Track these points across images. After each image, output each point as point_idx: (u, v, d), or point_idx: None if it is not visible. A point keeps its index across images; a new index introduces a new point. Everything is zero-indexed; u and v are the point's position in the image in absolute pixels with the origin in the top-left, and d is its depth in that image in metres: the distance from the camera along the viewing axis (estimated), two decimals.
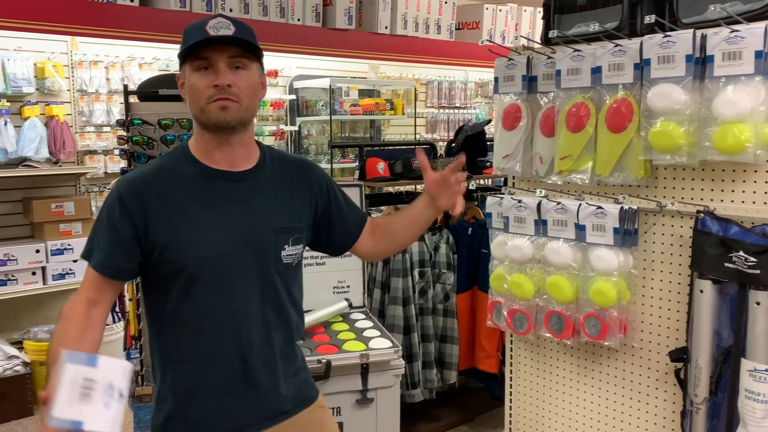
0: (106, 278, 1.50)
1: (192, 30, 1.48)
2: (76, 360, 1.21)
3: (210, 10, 4.79)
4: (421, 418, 3.72)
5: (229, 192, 1.54)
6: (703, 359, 1.88)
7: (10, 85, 4.26)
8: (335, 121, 5.96)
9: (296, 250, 1.61)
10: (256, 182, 1.58)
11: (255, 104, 1.54)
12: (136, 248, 1.49)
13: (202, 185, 1.53)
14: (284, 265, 1.59)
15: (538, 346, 2.45)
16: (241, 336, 1.54)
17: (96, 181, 4.82)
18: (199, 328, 1.53)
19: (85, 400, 1.18)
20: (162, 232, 1.48)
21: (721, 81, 1.81)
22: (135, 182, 1.51)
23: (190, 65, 1.49)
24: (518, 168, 2.33)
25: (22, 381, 3.96)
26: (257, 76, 1.54)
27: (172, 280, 1.50)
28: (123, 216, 1.48)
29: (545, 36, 2.29)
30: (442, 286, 3.48)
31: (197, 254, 1.49)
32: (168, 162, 1.57)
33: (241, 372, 1.55)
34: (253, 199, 1.56)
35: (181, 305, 1.52)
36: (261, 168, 1.60)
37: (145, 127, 2.84)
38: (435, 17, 6.00)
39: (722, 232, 1.83)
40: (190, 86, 1.50)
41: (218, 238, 1.50)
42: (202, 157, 1.55)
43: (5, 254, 4.12)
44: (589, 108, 2.09)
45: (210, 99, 1.46)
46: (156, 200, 1.49)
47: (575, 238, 2.14)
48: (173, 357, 1.57)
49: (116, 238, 1.48)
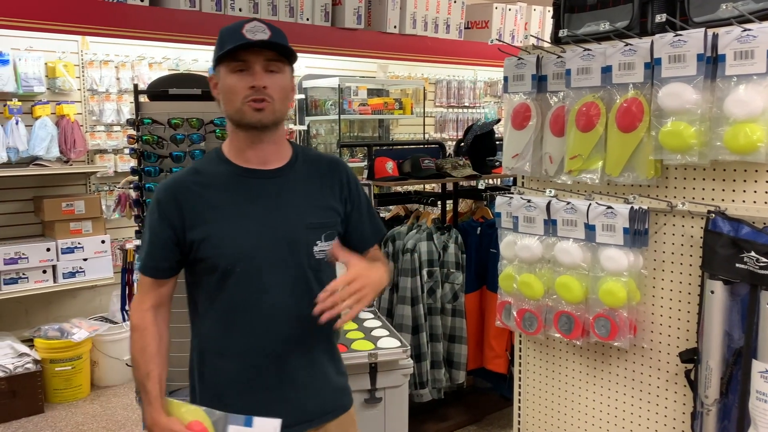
0: (152, 278, 1.62)
1: (228, 33, 1.53)
2: (235, 421, 1.44)
3: (219, 10, 4.80)
4: (429, 418, 3.72)
5: (261, 189, 1.60)
6: (714, 360, 1.87)
7: (22, 84, 4.29)
8: (344, 121, 5.97)
9: (329, 245, 1.64)
10: (287, 179, 1.63)
11: (286, 106, 1.60)
12: (174, 249, 1.59)
13: (234, 184, 1.60)
14: (317, 260, 1.63)
15: (548, 346, 2.45)
16: (274, 330, 1.59)
17: (106, 180, 4.85)
18: (232, 321, 1.59)
19: None
20: (197, 230, 1.56)
21: (733, 80, 1.80)
22: (170, 186, 1.61)
23: (227, 67, 1.55)
24: (528, 167, 2.33)
25: (32, 378, 3.99)
26: (289, 79, 1.60)
27: (208, 276, 1.59)
28: (161, 219, 1.58)
29: (555, 35, 2.28)
30: (451, 285, 3.48)
31: (230, 249, 1.56)
32: (202, 165, 1.66)
33: (275, 367, 1.59)
34: (284, 195, 1.62)
35: (217, 300, 1.59)
36: (292, 166, 1.66)
37: (155, 127, 2.85)
38: (444, 16, 5.99)
39: (733, 233, 1.82)
40: (226, 87, 1.55)
41: (250, 233, 1.57)
42: (234, 157, 1.62)
43: (16, 252, 4.16)
44: (599, 107, 2.08)
45: (246, 99, 1.52)
46: (191, 201, 1.58)
47: (585, 238, 2.13)
48: (209, 351, 1.64)
49: (155, 240, 1.59)
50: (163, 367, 1.60)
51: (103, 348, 4.42)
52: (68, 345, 4.19)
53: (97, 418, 4.00)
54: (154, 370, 1.57)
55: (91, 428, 3.87)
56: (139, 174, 2.88)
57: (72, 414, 4.06)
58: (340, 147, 5.19)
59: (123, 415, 4.03)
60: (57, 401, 4.19)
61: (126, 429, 3.85)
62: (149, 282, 1.62)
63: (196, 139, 2.84)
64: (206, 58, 5.22)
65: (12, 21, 3.88)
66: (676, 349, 2.07)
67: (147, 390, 1.56)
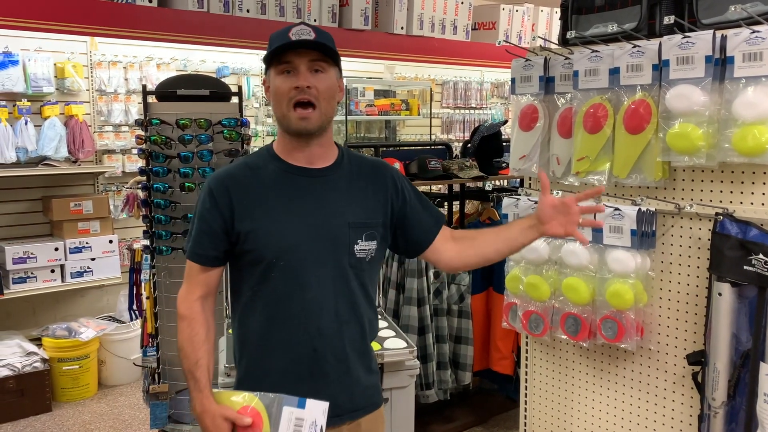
0: (200, 266, 1.65)
1: (276, 37, 1.59)
2: (291, 403, 1.49)
3: (227, 11, 4.81)
4: (435, 419, 3.72)
5: (306, 187, 1.65)
6: (722, 363, 1.86)
7: (31, 85, 4.32)
8: (351, 122, 5.98)
9: (369, 246, 1.68)
10: (332, 179, 1.68)
11: (333, 106, 1.64)
12: (223, 238, 1.63)
13: (282, 180, 1.65)
14: (357, 259, 1.66)
15: (554, 348, 2.44)
16: (312, 324, 1.62)
17: (114, 180, 4.87)
18: (273, 313, 1.63)
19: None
20: (245, 222, 1.61)
21: (742, 82, 1.80)
22: (223, 177, 1.66)
23: (274, 69, 1.60)
24: (535, 169, 2.32)
25: (40, 377, 4.01)
26: (335, 79, 1.64)
27: (252, 268, 1.63)
28: (213, 208, 1.62)
29: (563, 37, 2.28)
30: (457, 286, 3.48)
31: (275, 243, 1.60)
32: (253, 159, 1.71)
33: (311, 360, 1.63)
34: (328, 194, 1.66)
35: (260, 291, 1.64)
36: (338, 167, 1.70)
37: (163, 127, 2.86)
38: (451, 18, 5.99)
39: (741, 235, 1.82)
40: (273, 89, 1.61)
41: (294, 228, 1.61)
42: (283, 154, 1.67)
43: (25, 252, 4.18)
44: (606, 109, 2.08)
45: (291, 101, 1.57)
46: (241, 193, 1.63)
47: (592, 240, 2.12)
48: (249, 342, 1.68)
49: (206, 229, 1.63)
50: (211, 356, 1.62)
51: (110, 347, 4.44)
52: (76, 344, 4.21)
53: (104, 417, 4.02)
54: (203, 358, 1.60)
55: (98, 427, 3.89)
56: (147, 174, 2.89)
57: (79, 413, 4.08)
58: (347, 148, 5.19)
59: (130, 414, 4.05)
60: (64, 400, 4.21)
61: (133, 428, 3.87)
62: (196, 269, 1.66)
63: (204, 139, 2.86)
64: (214, 59, 5.24)
65: (21, 22, 3.90)
66: (684, 352, 2.06)
67: (196, 378, 1.58)
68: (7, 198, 4.44)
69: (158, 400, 2.89)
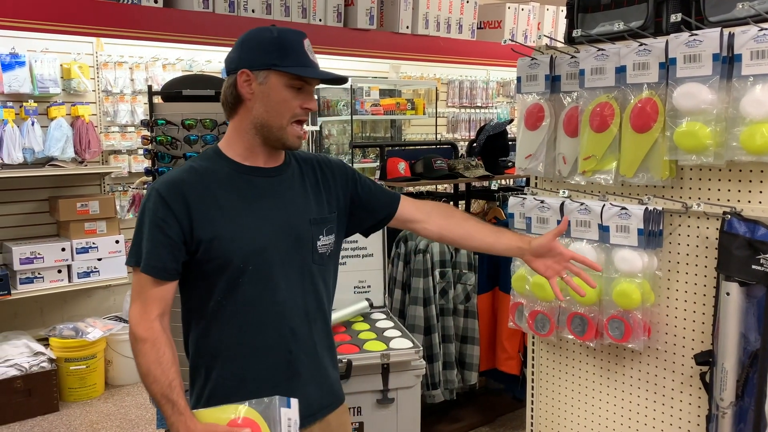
0: (156, 280, 1.52)
1: (292, 46, 1.55)
2: (284, 404, 1.47)
3: (233, 11, 4.82)
4: (441, 419, 3.71)
5: (263, 187, 1.62)
6: (730, 363, 1.85)
7: (38, 85, 4.33)
8: (356, 121, 5.98)
9: (329, 240, 1.68)
10: (285, 178, 1.66)
11: None
12: (181, 247, 1.52)
13: (237, 182, 1.59)
14: (320, 255, 1.66)
15: (561, 347, 2.43)
16: (285, 326, 1.60)
17: (120, 180, 4.88)
18: (244, 320, 1.58)
19: None
20: (205, 229, 1.52)
21: (749, 80, 1.78)
22: (174, 183, 1.54)
23: (285, 79, 1.55)
24: (541, 168, 2.32)
25: (48, 377, 4.02)
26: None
27: (219, 275, 1.55)
28: (168, 216, 1.51)
29: (569, 35, 2.27)
30: (463, 286, 3.47)
31: (242, 247, 1.54)
32: (200, 163, 1.62)
33: (286, 363, 1.61)
34: (285, 193, 1.64)
35: (228, 299, 1.56)
36: (288, 165, 1.69)
37: (169, 127, 2.87)
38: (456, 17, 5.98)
39: (749, 234, 1.80)
40: (278, 99, 1.55)
41: (260, 230, 1.57)
42: (235, 155, 1.62)
43: (32, 252, 4.19)
44: (613, 108, 2.07)
45: (293, 118, 1.57)
46: (196, 199, 1.54)
47: (599, 239, 2.12)
48: (217, 353, 1.59)
49: (162, 239, 1.51)
50: (181, 376, 1.51)
51: (117, 347, 4.45)
52: (83, 344, 4.23)
53: (111, 417, 4.03)
54: (176, 378, 1.48)
55: (105, 427, 3.90)
56: (153, 174, 2.90)
57: (86, 413, 4.09)
58: (353, 148, 5.20)
59: (137, 414, 4.06)
60: (71, 400, 4.23)
61: (140, 428, 3.88)
62: (151, 284, 1.52)
63: (210, 140, 2.86)
64: (219, 59, 5.24)
65: (28, 23, 3.92)
66: (691, 351, 2.05)
67: (173, 401, 1.46)
68: (14, 198, 4.46)
69: None
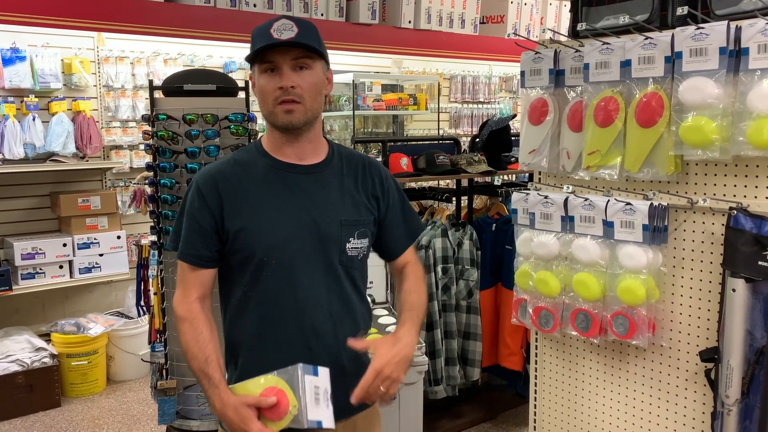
0: (193, 267, 1.61)
1: (258, 33, 1.55)
2: (308, 371, 1.48)
3: (234, 5, 4.80)
4: (443, 415, 3.71)
5: (297, 184, 1.62)
6: (735, 359, 1.84)
7: (39, 80, 4.32)
8: (358, 117, 5.96)
9: (362, 243, 1.67)
10: (322, 176, 1.66)
11: (319, 102, 1.62)
12: (214, 237, 1.60)
13: (271, 177, 1.62)
14: (349, 257, 1.65)
15: (564, 344, 2.42)
16: (306, 323, 1.60)
17: (122, 175, 4.87)
18: (266, 313, 1.61)
19: (317, 404, 1.46)
20: (234, 221, 1.59)
21: (757, 74, 1.76)
22: (212, 175, 1.62)
23: (258, 68, 1.58)
24: (545, 163, 2.30)
25: (49, 372, 4.02)
26: (321, 73, 1.61)
27: (243, 267, 1.60)
28: (202, 206, 1.59)
29: (573, 29, 2.25)
30: (466, 282, 3.46)
31: (265, 240, 1.58)
32: (242, 156, 1.67)
33: (306, 359, 1.59)
34: (319, 191, 1.64)
35: (252, 291, 1.61)
36: (329, 163, 1.68)
37: (170, 122, 2.85)
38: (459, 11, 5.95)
39: (756, 230, 1.78)
40: (258, 88, 1.59)
41: (284, 227, 1.59)
42: (272, 151, 1.65)
43: (33, 248, 4.19)
44: (618, 102, 2.05)
45: (276, 100, 1.55)
46: (230, 191, 1.60)
47: (603, 235, 2.10)
48: (243, 343, 1.65)
49: (196, 228, 1.60)
50: (219, 353, 1.58)
51: (118, 343, 4.45)
52: (84, 340, 4.23)
53: (112, 412, 4.03)
54: (212, 354, 1.56)
55: (107, 422, 3.90)
56: (154, 170, 2.89)
57: (88, 408, 4.09)
58: (354, 143, 5.17)
59: (138, 409, 4.06)
60: (73, 395, 4.23)
61: (141, 423, 3.88)
62: (190, 270, 1.61)
63: (211, 134, 2.84)
64: (221, 54, 5.23)
65: (28, 17, 3.90)
66: (696, 348, 2.03)
67: (209, 375, 1.53)
68: (15, 194, 4.45)
69: (166, 396, 2.89)
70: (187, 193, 1.64)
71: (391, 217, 1.76)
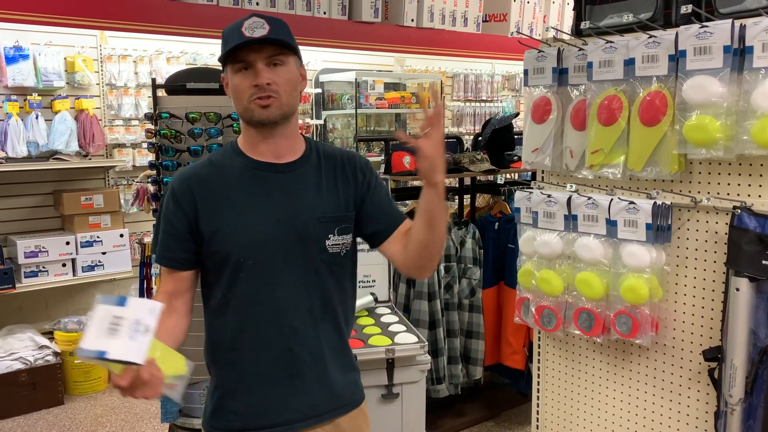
0: (169, 270, 1.60)
1: (229, 33, 1.54)
2: (107, 301, 1.34)
3: (237, 4, 4.80)
4: (446, 414, 3.71)
5: (273, 182, 1.60)
6: (739, 359, 1.83)
7: (42, 79, 4.33)
8: (360, 115, 5.95)
9: (343, 239, 1.63)
10: (299, 173, 1.63)
11: (295, 98, 1.59)
12: (189, 239, 1.58)
13: (247, 177, 1.60)
14: (330, 254, 1.62)
15: (567, 343, 2.42)
16: (285, 323, 1.58)
17: (124, 174, 4.88)
18: (244, 315, 1.58)
19: (111, 334, 1.32)
20: (209, 222, 1.56)
21: (761, 72, 1.76)
22: (186, 177, 1.61)
23: (231, 67, 1.56)
24: (548, 162, 2.29)
25: (52, 370, 4.03)
26: (296, 69, 1.59)
27: (221, 269, 1.58)
28: (176, 209, 1.57)
29: (576, 27, 2.24)
30: (468, 281, 3.46)
31: (241, 241, 1.55)
32: (217, 157, 1.65)
33: (286, 361, 1.58)
34: (296, 189, 1.61)
35: (229, 293, 1.58)
36: (306, 160, 1.65)
37: (173, 121, 2.85)
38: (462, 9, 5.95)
39: (760, 229, 1.78)
40: (232, 87, 1.56)
41: (261, 226, 1.56)
42: (248, 150, 1.62)
43: (36, 246, 4.20)
44: (621, 101, 2.04)
45: (251, 98, 1.52)
46: (205, 192, 1.58)
47: (606, 234, 2.09)
48: (222, 346, 1.63)
49: (171, 230, 1.58)
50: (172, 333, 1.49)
51: None
52: None
53: (115, 410, 4.04)
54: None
55: (109, 420, 3.90)
56: (157, 168, 2.89)
57: (91, 406, 4.10)
58: (357, 141, 5.18)
59: (141, 407, 4.06)
60: (76, 393, 4.24)
61: (144, 422, 3.88)
62: (167, 273, 1.60)
63: (214, 133, 2.84)
64: None
65: (31, 16, 3.91)
66: (700, 347, 2.03)
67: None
68: (18, 192, 4.46)
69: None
70: (163, 196, 1.63)
71: (377, 200, 1.69)
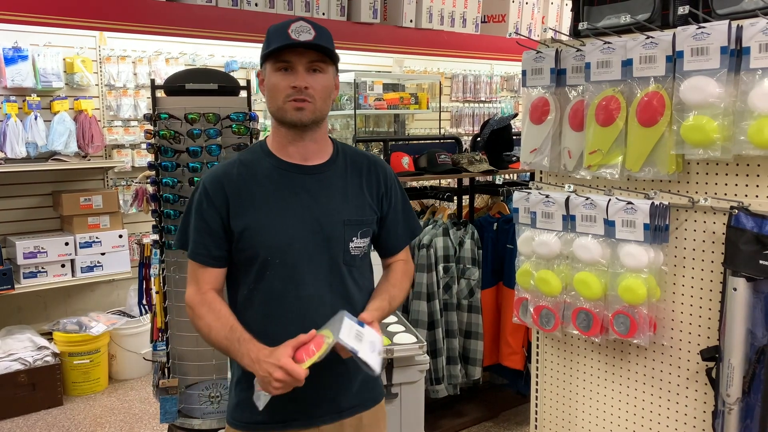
0: (203, 266, 1.64)
1: (275, 32, 1.57)
2: (350, 317, 1.51)
3: (236, 5, 4.81)
4: (445, 414, 3.71)
5: (301, 184, 1.65)
6: (736, 358, 1.84)
7: (41, 80, 4.33)
8: (359, 116, 5.95)
9: (364, 242, 1.70)
10: (326, 176, 1.68)
11: (328, 105, 1.65)
12: (223, 236, 1.63)
13: (275, 177, 1.65)
14: (351, 256, 1.67)
15: (565, 343, 2.42)
16: (309, 320, 1.60)
17: (123, 174, 4.88)
18: (269, 311, 1.63)
19: (358, 341, 1.47)
20: (239, 221, 1.61)
21: (758, 73, 1.76)
22: (218, 175, 1.66)
23: (272, 65, 1.59)
24: (546, 162, 2.30)
25: (51, 371, 4.03)
26: (332, 78, 1.65)
27: (248, 266, 1.63)
28: (209, 207, 1.63)
29: (574, 28, 2.25)
30: (467, 281, 3.46)
31: (268, 241, 1.61)
32: (247, 156, 1.70)
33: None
34: (322, 191, 1.66)
35: (256, 290, 1.64)
36: (333, 163, 1.70)
37: (172, 122, 2.86)
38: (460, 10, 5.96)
39: (757, 229, 1.79)
40: (270, 85, 1.60)
41: (288, 226, 1.61)
42: (277, 151, 1.67)
43: (35, 247, 4.20)
44: (619, 101, 2.05)
45: (287, 98, 1.57)
46: (235, 191, 1.63)
47: (604, 234, 2.10)
48: None
49: (206, 228, 1.63)
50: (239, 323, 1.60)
51: (120, 342, 4.45)
52: (86, 338, 4.23)
53: (114, 411, 4.04)
54: (235, 322, 1.58)
55: (108, 421, 3.90)
56: (156, 169, 2.89)
57: (90, 407, 4.10)
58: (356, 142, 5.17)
59: (140, 408, 4.06)
60: (75, 394, 4.24)
61: (143, 422, 3.89)
62: (201, 269, 1.64)
63: (213, 134, 2.84)
64: (222, 53, 5.23)
65: (30, 17, 3.91)
66: (697, 347, 2.04)
67: (237, 337, 1.55)
68: (17, 193, 4.46)
69: (168, 395, 2.89)
70: (194, 193, 1.67)
71: (393, 216, 1.78)
